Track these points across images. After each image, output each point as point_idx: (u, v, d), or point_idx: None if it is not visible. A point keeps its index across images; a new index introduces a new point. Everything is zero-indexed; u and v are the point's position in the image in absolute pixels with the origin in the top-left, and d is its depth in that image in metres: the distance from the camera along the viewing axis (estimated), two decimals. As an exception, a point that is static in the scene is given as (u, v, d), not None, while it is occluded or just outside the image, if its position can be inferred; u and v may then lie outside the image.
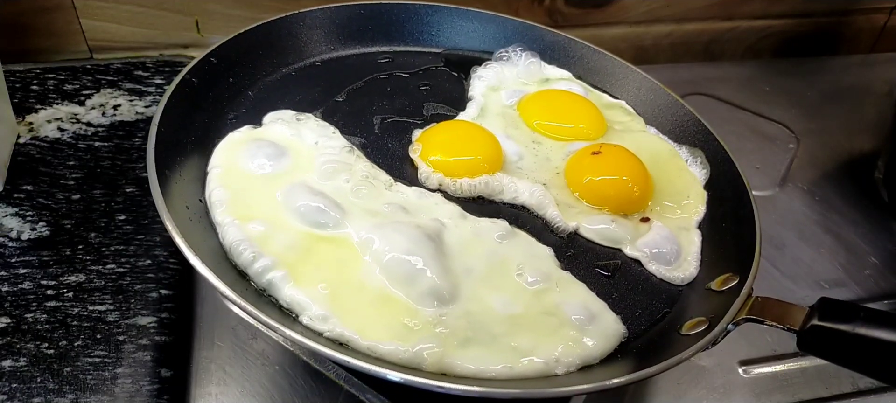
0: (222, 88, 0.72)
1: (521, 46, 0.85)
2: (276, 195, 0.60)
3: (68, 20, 0.91)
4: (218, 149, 0.65)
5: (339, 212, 0.59)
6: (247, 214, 0.58)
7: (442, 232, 0.60)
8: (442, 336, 0.52)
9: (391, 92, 0.78)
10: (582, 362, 0.54)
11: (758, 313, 0.54)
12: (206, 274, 0.50)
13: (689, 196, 0.70)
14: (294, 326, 0.51)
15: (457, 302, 0.55)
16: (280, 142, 0.66)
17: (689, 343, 0.52)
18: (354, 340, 0.51)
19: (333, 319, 0.52)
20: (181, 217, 0.56)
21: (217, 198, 0.59)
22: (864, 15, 1.17)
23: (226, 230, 0.57)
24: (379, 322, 0.52)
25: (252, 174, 0.62)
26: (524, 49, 0.84)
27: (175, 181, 0.60)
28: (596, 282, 0.61)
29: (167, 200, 0.55)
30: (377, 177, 0.65)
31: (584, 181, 0.69)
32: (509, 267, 0.59)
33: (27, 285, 0.65)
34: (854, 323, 0.50)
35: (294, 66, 0.79)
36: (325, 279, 0.54)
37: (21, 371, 0.59)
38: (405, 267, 0.55)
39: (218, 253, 0.56)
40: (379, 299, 0.54)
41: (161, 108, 0.63)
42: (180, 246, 0.51)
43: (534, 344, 0.53)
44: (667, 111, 0.79)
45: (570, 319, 0.56)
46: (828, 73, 1.12)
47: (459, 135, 0.72)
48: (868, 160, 0.95)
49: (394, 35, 0.85)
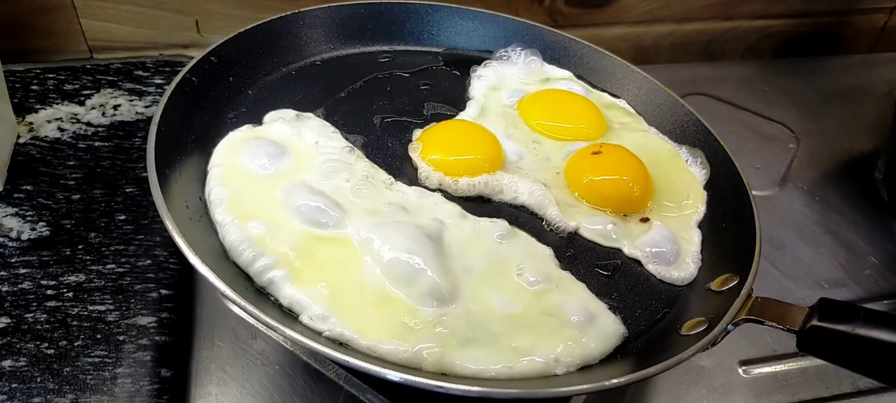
0: (222, 87, 0.72)
1: (522, 46, 0.85)
2: (277, 194, 0.60)
3: (68, 20, 0.91)
4: (218, 148, 0.65)
5: (339, 212, 0.59)
6: (247, 213, 0.58)
7: (442, 231, 0.60)
8: (442, 335, 0.52)
9: (391, 91, 0.78)
10: (581, 362, 0.54)
11: (757, 313, 0.54)
12: (205, 274, 0.50)
13: (689, 196, 0.70)
14: (294, 326, 0.51)
15: (457, 301, 0.55)
16: (280, 142, 0.66)
17: (688, 344, 0.52)
18: (354, 340, 0.51)
19: (333, 319, 0.52)
20: (181, 216, 0.56)
21: (217, 196, 0.59)
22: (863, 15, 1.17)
23: (226, 229, 0.57)
24: (379, 321, 0.52)
25: (252, 173, 0.62)
26: (524, 48, 0.84)
27: (175, 180, 0.60)
28: (596, 282, 0.61)
29: (167, 200, 0.55)
30: (377, 177, 0.65)
31: (585, 181, 0.69)
32: (509, 267, 0.59)
33: (27, 285, 0.65)
34: (854, 324, 0.50)
35: (294, 66, 0.79)
36: (325, 278, 0.54)
37: (21, 371, 0.59)
38: (405, 266, 0.55)
39: (218, 253, 0.56)
40: (379, 298, 0.54)
41: (161, 108, 0.63)
42: (180, 245, 0.51)
43: (533, 344, 0.53)
44: (667, 111, 0.79)
45: (570, 319, 0.56)
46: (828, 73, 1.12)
47: (459, 134, 0.72)
48: (868, 160, 0.95)
49: (394, 34, 0.85)
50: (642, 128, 0.78)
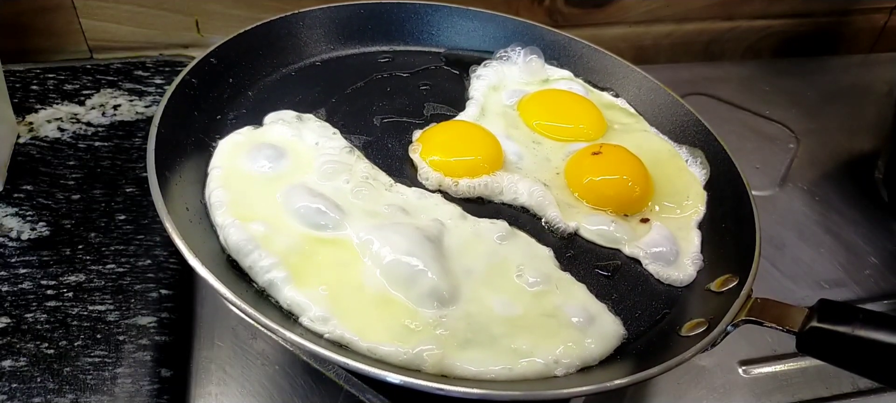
0: (223, 88, 0.72)
1: (522, 45, 0.85)
2: (277, 196, 0.60)
3: (68, 20, 0.91)
4: (218, 149, 0.65)
5: (339, 214, 0.59)
6: (247, 215, 0.58)
7: (442, 233, 0.60)
8: (442, 337, 0.52)
9: (391, 92, 0.78)
10: (581, 363, 0.54)
11: (757, 314, 0.54)
12: (206, 276, 0.50)
13: (689, 196, 0.70)
14: (294, 328, 0.51)
15: (457, 303, 0.55)
16: (280, 144, 0.66)
17: (688, 345, 0.52)
18: (354, 342, 0.51)
19: (333, 321, 0.52)
20: (182, 219, 0.56)
21: (217, 199, 0.59)
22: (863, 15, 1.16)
23: (226, 231, 0.57)
24: (379, 323, 0.52)
25: (252, 175, 0.62)
26: (524, 48, 0.84)
27: (175, 182, 0.60)
28: (596, 283, 0.61)
29: (168, 202, 0.55)
30: (377, 178, 0.65)
31: (585, 181, 0.69)
32: (509, 269, 0.59)
33: (27, 285, 0.65)
34: (853, 325, 0.50)
35: (294, 66, 0.79)
36: (326, 280, 0.54)
37: (21, 371, 0.59)
38: (405, 268, 0.55)
39: (218, 255, 0.56)
40: (379, 300, 0.54)
41: (161, 110, 0.63)
42: (181, 248, 0.51)
43: (533, 346, 0.53)
44: (667, 111, 0.79)
45: (570, 320, 0.56)
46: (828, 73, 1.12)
47: (459, 135, 0.72)
48: (868, 160, 0.95)
49: (394, 34, 0.85)
50: (642, 128, 0.78)
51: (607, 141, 0.75)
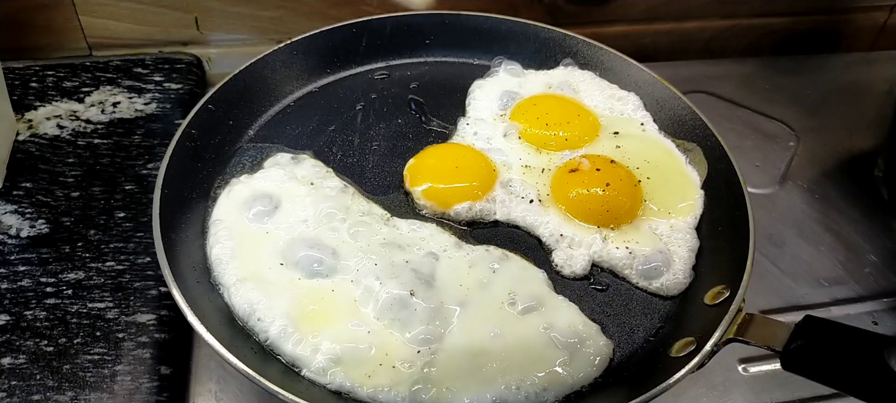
0: (223, 133, 0.73)
1: (514, 56, 0.85)
2: (275, 247, 0.62)
3: (67, 17, 0.91)
4: (219, 202, 0.66)
5: (336, 259, 0.61)
6: (246, 273, 0.59)
7: (435, 269, 0.61)
8: (436, 375, 0.54)
9: (387, 112, 0.79)
10: (570, 389, 0.55)
11: (743, 333, 0.55)
12: (212, 343, 0.51)
13: (686, 199, 0.70)
14: (297, 383, 0.53)
15: (450, 338, 0.57)
16: (276, 192, 0.66)
17: (677, 367, 0.53)
18: (355, 390, 0.53)
19: (333, 370, 0.54)
20: (188, 282, 0.57)
21: (217, 256, 0.61)
22: (864, 12, 1.16)
23: (227, 292, 0.58)
24: (377, 369, 0.54)
25: (251, 228, 0.64)
26: (516, 59, 0.84)
27: (180, 242, 0.61)
28: (589, 303, 0.62)
29: (174, 267, 0.56)
30: (372, 212, 0.66)
31: (569, 197, 0.68)
32: (501, 297, 0.60)
33: (26, 282, 0.65)
34: (835, 343, 0.50)
35: (292, 97, 0.79)
36: (324, 330, 0.56)
37: (20, 369, 0.59)
38: (398, 312, 0.57)
39: (223, 312, 0.58)
40: (375, 344, 0.56)
41: (163, 168, 0.63)
42: (190, 319, 0.53)
43: (523, 375, 0.55)
44: (666, 107, 0.79)
45: (561, 345, 0.57)
46: (828, 71, 1.12)
47: (450, 161, 0.72)
48: (868, 158, 0.95)
49: (389, 49, 0.85)
50: (638, 127, 0.77)
51: (602, 143, 0.74)
